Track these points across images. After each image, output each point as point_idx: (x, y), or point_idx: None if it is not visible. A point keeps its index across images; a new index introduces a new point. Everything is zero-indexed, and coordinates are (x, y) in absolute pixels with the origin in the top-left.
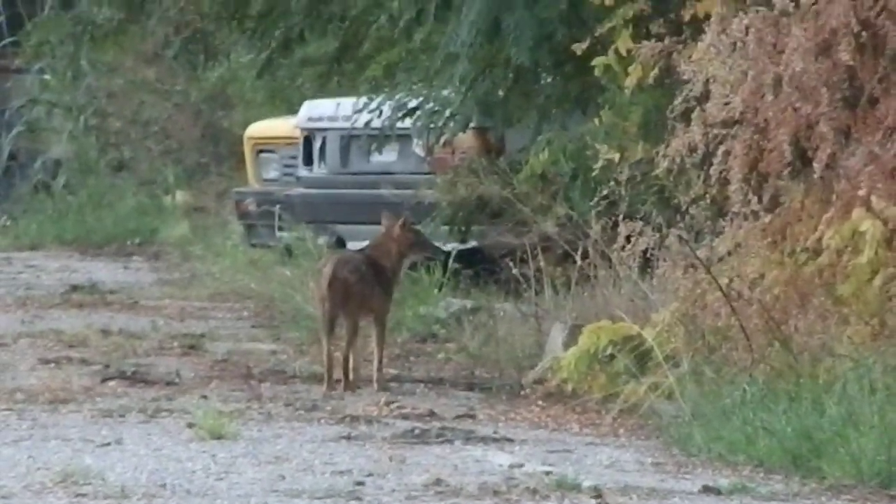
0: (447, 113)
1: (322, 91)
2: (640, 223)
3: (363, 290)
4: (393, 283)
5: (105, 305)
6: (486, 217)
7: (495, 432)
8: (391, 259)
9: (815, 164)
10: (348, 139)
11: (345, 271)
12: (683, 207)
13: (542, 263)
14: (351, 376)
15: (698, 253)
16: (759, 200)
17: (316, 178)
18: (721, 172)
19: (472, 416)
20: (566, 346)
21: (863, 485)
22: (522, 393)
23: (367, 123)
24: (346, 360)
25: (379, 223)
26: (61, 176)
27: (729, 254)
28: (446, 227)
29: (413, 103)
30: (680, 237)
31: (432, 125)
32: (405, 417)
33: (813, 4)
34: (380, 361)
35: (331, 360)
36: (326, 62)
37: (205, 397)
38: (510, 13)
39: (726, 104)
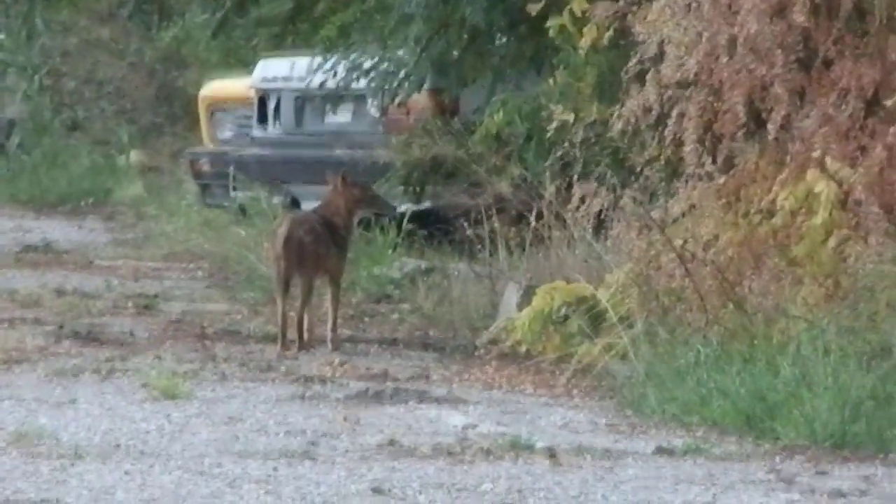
0: (402, 73)
1: (277, 51)
2: (595, 184)
3: (317, 250)
4: (347, 242)
5: (59, 265)
6: (441, 178)
7: (449, 393)
8: (342, 216)
9: (769, 126)
10: (303, 99)
11: (299, 231)
12: (638, 169)
13: (496, 224)
14: (305, 337)
15: (652, 214)
16: (714, 162)
17: (270, 139)
18: (675, 134)
19: (427, 377)
20: (520, 306)
21: (816, 445)
22: (476, 354)
23: (322, 84)
24: (300, 320)
25: None
26: (15, 136)
27: (683, 215)
28: (401, 188)
29: (368, 64)
30: (634, 198)
31: (387, 86)
32: (359, 378)
33: None
34: (334, 322)
35: (285, 321)
36: (281, 22)
37: (159, 357)
38: None
39: (681, 66)
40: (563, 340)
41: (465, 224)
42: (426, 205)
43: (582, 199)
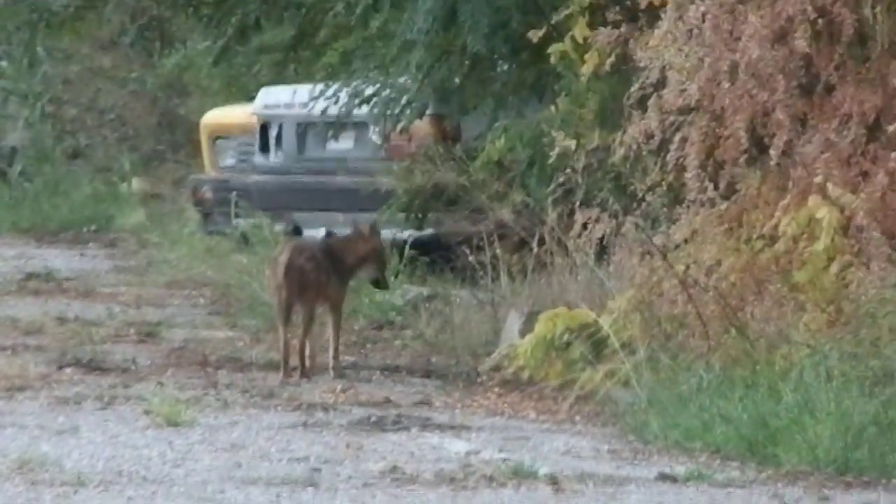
0: (403, 100)
1: (278, 78)
2: (597, 210)
3: (319, 277)
4: (347, 273)
5: (61, 293)
6: (443, 204)
7: (452, 419)
8: (352, 259)
9: (771, 151)
10: (304, 126)
11: (301, 259)
12: (640, 195)
13: (498, 251)
14: (307, 364)
15: (654, 240)
16: (716, 187)
17: (272, 166)
18: (677, 159)
19: (429, 404)
20: (522, 333)
21: (819, 472)
22: (479, 380)
23: (324, 111)
24: (302, 347)
25: (334, 209)
26: (17, 163)
27: (685, 241)
28: (402, 215)
29: (369, 90)
30: (636, 224)
31: (388, 112)
32: (361, 405)
33: None
34: (336, 349)
35: (287, 348)
36: (283, 49)
37: (161, 384)
38: (466, 1)
39: (683, 91)
40: (566, 367)
41: (467, 251)
42: (428, 231)
43: (584, 226)
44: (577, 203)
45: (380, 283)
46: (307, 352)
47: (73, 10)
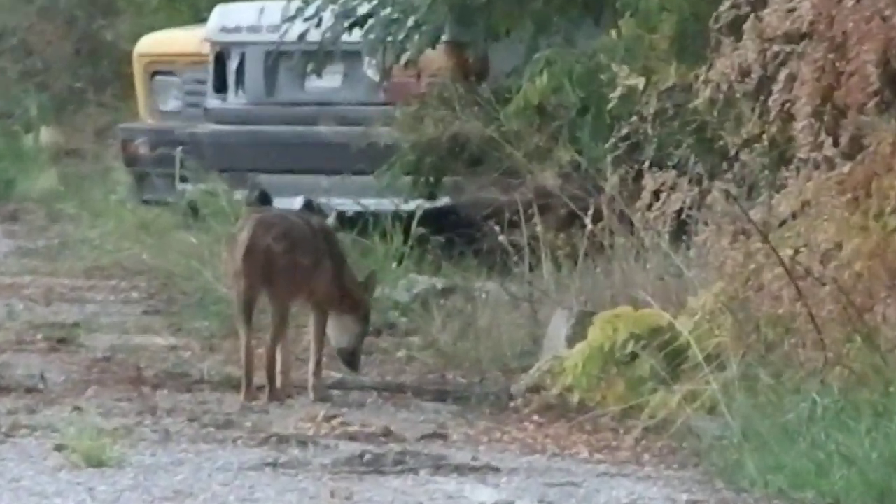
0: (410, 22)
1: None
2: (673, 174)
3: (295, 261)
4: (336, 252)
5: None
6: (463, 164)
7: (474, 458)
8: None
9: None
10: (276, 57)
11: (267, 237)
12: (732, 152)
13: (538, 228)
14: (278, 381)
15: (752, 214)
16: (835, 143)
17: (231, 111)
18: (783, 105)
19: (444, 437)
20: (571, 341)
21: None
22: (512, 405)
23: (302, 36)
24: (270, 359)
25: (316, 170)
26: None
27: (794, 216)
28: (408, 178)
29: (364, 9)
30: (727, 193)
31: (390, 38)
32: (352, 438)
33: None
34: (318, 362)
35: (250, 360)
36: None
37: (79, 409)
38: None
39: (791, 11)
40: (630, 387)
41: (497, 228)
42: (443, 201)
43: (655, 194)
44: (647, 163)
45: (350, 360)
46: (278, 365)
47: None
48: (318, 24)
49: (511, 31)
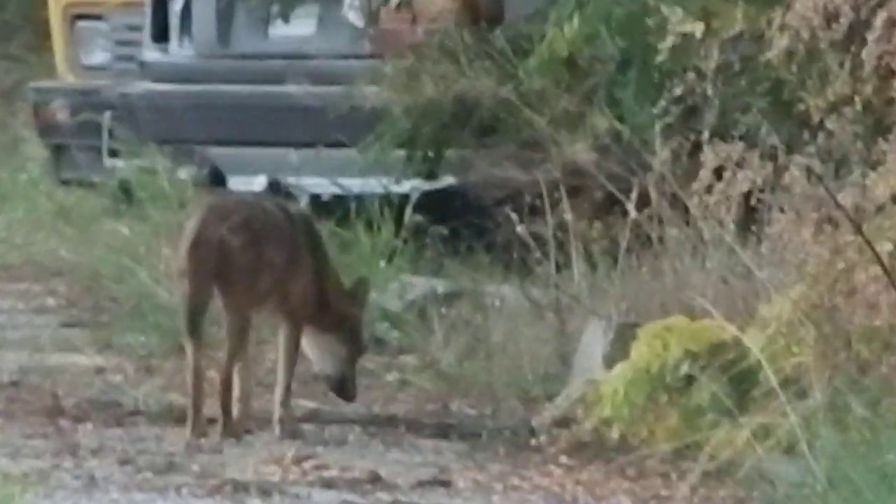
0: None
1: None
2: (740, 146)
3: (256, 260)
4: (319, 248)
5: None
6: (471, 134)
7: None
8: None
9: None
10: None
11: (222, 228)
12: (815, 119)
13: (568, 216)
14: (235, 412)
15: (841, 198)
16: None
17: (174, 66)
18: (880, 58)
19: (447, 484)
20: (610, 360)
21: None
22: (534, 443)
23: None
24: (226, 384)
25: (283, 142)
26: None
27: (894, 200)
28: (401, 152)
29: None
30: (809, 170)
31: None
32: (329, 485)
33: None
34: (286, 388)
35: (199, 385)
36: None
37: None
38: None
39: None
40: (685, 420)
41: (514, 215)
42: (446, 182)
43: (717, 173)
44: (706, 133)
45: (340, 389)
46: (235, 392)
47: None
48: None
49: None
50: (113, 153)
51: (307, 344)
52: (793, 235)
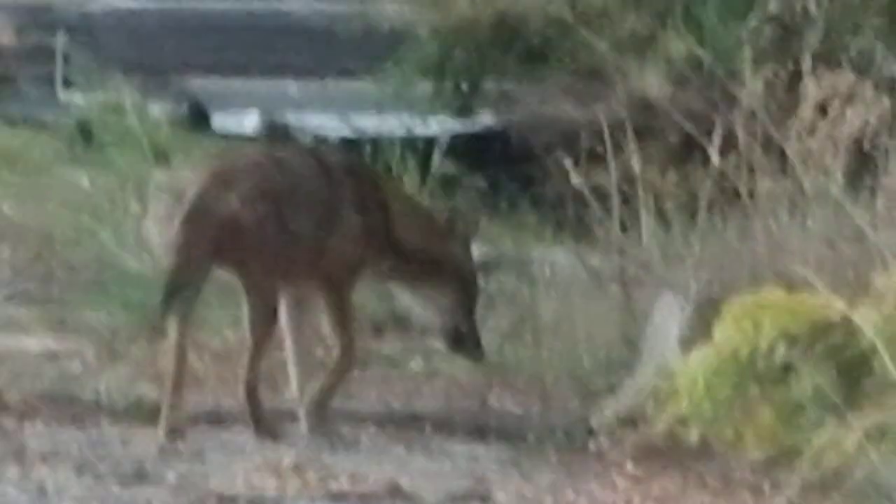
0: None
1: None
2: (851, 76)
3: (277, 233)
4: (372, 203)
5: None
6: (515, 62)
7: None
8: (411, 242)
9: None
10: None
11: (229, 201)
12: None
13: (635, 163)
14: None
15: None
16: None
17: None
18: None
19: (484, 498)
20: (687, 343)
21: None
22: (593, 446)
23: None
24: (252, 382)
25: (283, 71)
26: None
27: None
28: (428, 84)
29: None
30: None
31: None
32: (338, 499)
33: None
34: (333, 383)
35: (181, 370)
36: None
37: None
38: None
39: None
40: (782, 418)
41: (568, 163)
42: (483, 121)
43: (822, 109)
44: (808, 60)
45: (456, 341)
46: (246, 379)
47: None
48: None
49: None
50: (69, 84)
51: (413, 304)
52: None
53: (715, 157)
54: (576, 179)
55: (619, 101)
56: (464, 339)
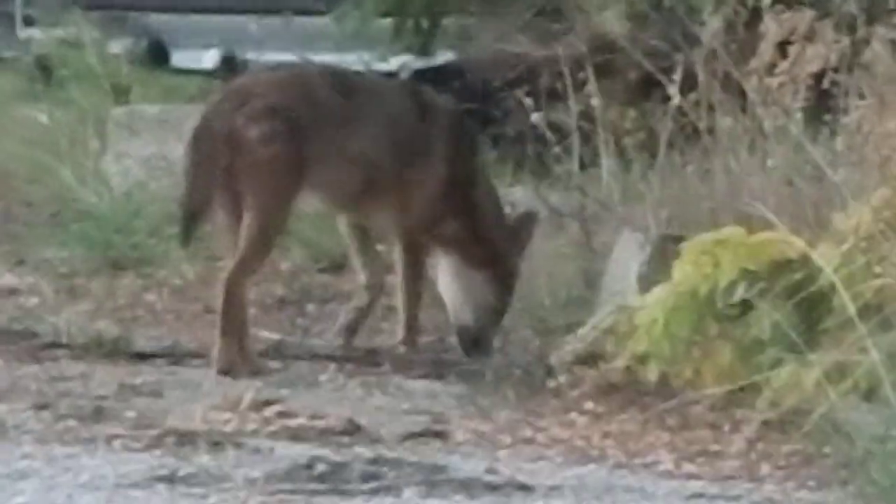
0: None
1: None
2: (809, 13)
3: (288, 155)
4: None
5: None
6: None
7: (491, 471)
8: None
9: None
10: None
11: (236, 117)
12: None
13: (595, 99)
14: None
15: None
16: None
17: None
18: None
19: (441, 435)
20: (646, 282)
21: None
22: (552, 385)
23: None
24: (234, 298)
25: (243, 9)
26: None
27: None
28: (387, 20)
29: None
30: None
31: None
32: (296, 437)
33: None
34: (414, 314)
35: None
36: None
37: None
38: None
39: None
40: (741, 357)
41: (528, 101)
42: (443, 58)
43: (781, 48)
44: None
45: (476, 344)
46: (227, 280)
47: None
48: None
49: None
50: (28, 21)
51: (444, 281)
52: (875, 126)
53: (675, 96)
54: (535, 117)
55: (578, 39)
56: (481, 343)
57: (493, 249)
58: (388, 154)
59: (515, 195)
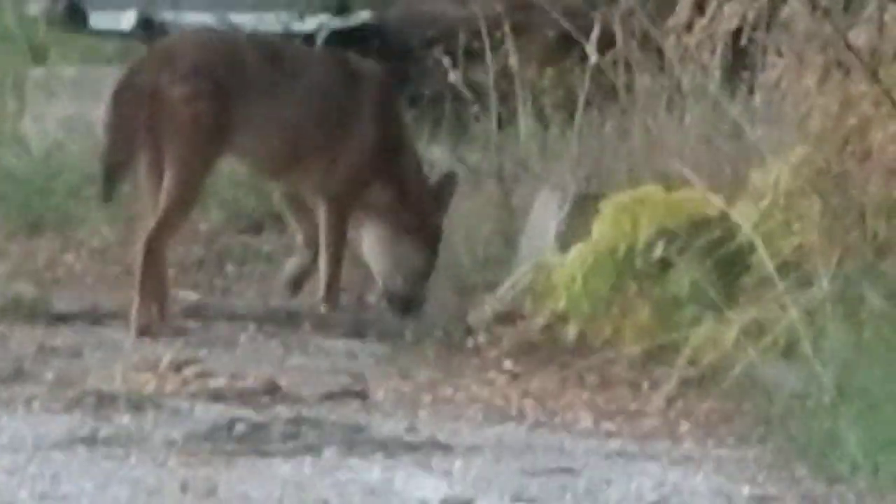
0: None
1: None
2: None
3: (210, 114)
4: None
5: None
6: None
7: (411, 430)
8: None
9: None
10: None
11: (159, 75)
12: None
13: (512, 59)
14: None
15: (852, 38)
16: None
17: None
18: None
19: (361, 395)
20: (565, 240)
21: None
22: (471, 343)
23: None
24: (153, 255)
25: None
26: None
27: None
28: None
29: None
30: (813, 2)
31: None
32: (216, 397)
33: None
34: (333, 275)
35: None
36: None
37: None
38: None
39: None
40: (660, 315)
41: (446, 60)
42: (360, 17)
43: (699, 5)
44: None
45: (404, 306)
46: (148, 238)
47: None
48: None
49: None
50: None
51: (370, 246)
52: (793, 84)
53: (592, 55)
54: (453, 76)
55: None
56: (412, 305)
57: (419, 212)
58: (315, 121)
59: (434, 154)
